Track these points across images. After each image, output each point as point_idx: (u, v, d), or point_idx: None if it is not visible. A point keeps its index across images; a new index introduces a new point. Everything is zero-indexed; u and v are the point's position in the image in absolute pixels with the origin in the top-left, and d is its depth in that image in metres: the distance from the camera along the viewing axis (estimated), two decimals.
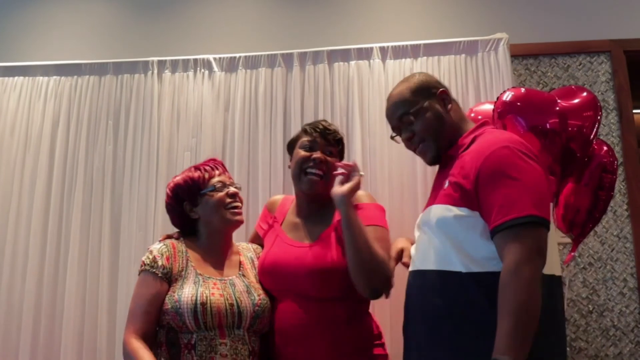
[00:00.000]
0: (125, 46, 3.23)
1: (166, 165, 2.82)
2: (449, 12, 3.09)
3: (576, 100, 2.12)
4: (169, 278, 1.82)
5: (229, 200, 1.92)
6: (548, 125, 2.02)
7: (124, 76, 2.97)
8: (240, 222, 1.96)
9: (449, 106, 1.81)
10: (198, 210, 1.94)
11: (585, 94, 2.15)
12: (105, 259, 2.79)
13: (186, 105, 2.89)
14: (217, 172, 1.97)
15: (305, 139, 2.01)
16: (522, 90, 2.13)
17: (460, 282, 1.55)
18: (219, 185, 1.93)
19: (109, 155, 2.89)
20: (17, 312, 2.78)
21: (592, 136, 2.12)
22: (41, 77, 3.03)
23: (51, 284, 2.80)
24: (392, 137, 1.91)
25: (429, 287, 1.64)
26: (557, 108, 2.06)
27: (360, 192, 1.96)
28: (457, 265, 1.57)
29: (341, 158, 2.08)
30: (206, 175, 1.94)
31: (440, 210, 1.65)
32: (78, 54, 3.19)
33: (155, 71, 2.93)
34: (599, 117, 2.12)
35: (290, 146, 2.09)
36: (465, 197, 1.59)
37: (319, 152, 1.97)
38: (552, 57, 2.99)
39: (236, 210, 1.93)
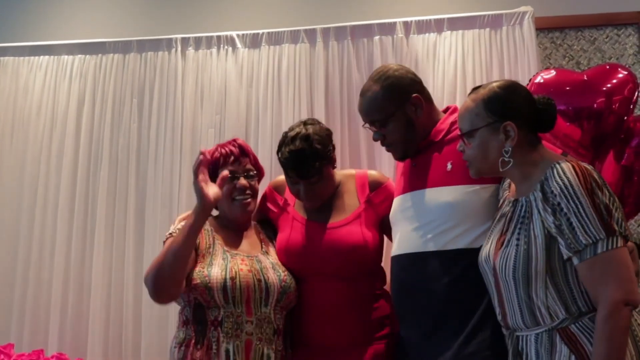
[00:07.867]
0: (148, 24, 3.20)
1: (190, 142, 2.84)
2: None
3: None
4: (196, 249, 1.81)
5: (235, 193, 1.88)
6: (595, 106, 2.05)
7: (148, 54, 2.99)
8: (249, 214, 1.94)
9: (421, 111, 1.76)
10: None
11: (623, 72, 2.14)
12: (130, 235, 2.83)
13: (210, 82, 2.90)
14: (230, 159, 1.89)
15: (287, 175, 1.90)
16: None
17: None
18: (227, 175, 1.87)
19: (133, 133, 2.92)
20: (47, 288, 2.84)
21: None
22: (66, 56, 3.06)
23: (78, 261, 2.84)
24: (363, 126, 1.86)
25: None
26: (604, 88, 2.08)
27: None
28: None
29: (328, 160, 1.89)
30: (221, 161, 1.89)
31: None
32: (102, 32, 3.18)
33: (179, 49, 2.95)
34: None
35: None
36: None
37: (303, 188, 1.86)
38: (578, 30, 2.94)
39: (244, 203, 1.89)
